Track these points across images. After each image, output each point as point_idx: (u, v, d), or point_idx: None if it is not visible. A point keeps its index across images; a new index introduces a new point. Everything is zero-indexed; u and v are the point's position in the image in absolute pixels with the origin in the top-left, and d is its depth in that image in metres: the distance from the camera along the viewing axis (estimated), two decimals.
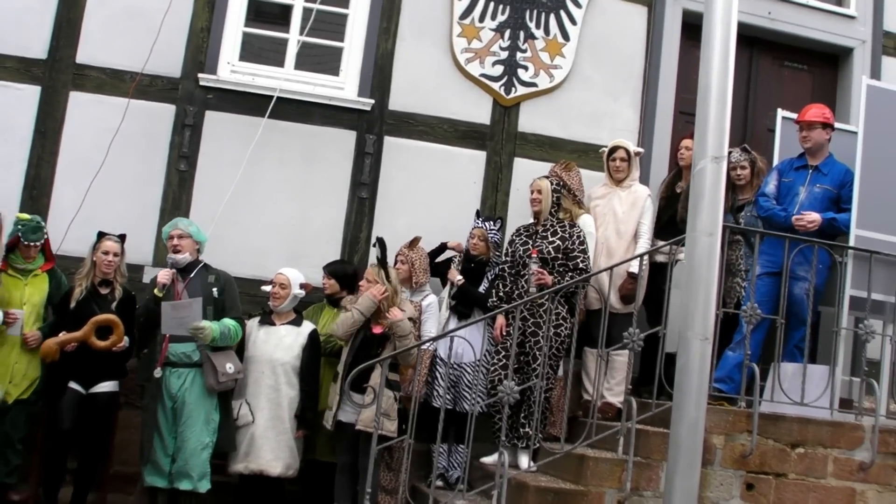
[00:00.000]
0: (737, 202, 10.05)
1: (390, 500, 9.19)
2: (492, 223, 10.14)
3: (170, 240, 9.22)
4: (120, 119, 10.26)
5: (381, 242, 9.44)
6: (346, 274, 9.98)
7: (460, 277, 9.91)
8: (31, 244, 9.15)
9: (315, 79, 11.05)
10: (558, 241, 9.49)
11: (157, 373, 8.92)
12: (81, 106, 10.55)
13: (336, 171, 10.88)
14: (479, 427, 8.70)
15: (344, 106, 10.92)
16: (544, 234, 9.57)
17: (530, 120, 11.33)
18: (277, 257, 10.17)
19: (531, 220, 9.89)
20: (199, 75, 10.66)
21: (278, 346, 9.31)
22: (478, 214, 10.35)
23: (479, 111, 11.26)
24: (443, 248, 10.33)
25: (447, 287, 10.04)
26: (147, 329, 9.03)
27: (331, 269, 9.98)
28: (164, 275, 9.04)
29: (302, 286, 9.59)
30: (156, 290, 8.97)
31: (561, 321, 9.32)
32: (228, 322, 9.04)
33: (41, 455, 9.31)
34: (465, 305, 9.86)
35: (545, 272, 9.33)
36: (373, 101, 10.94)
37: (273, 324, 9.46)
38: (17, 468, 9.22)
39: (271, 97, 10.51)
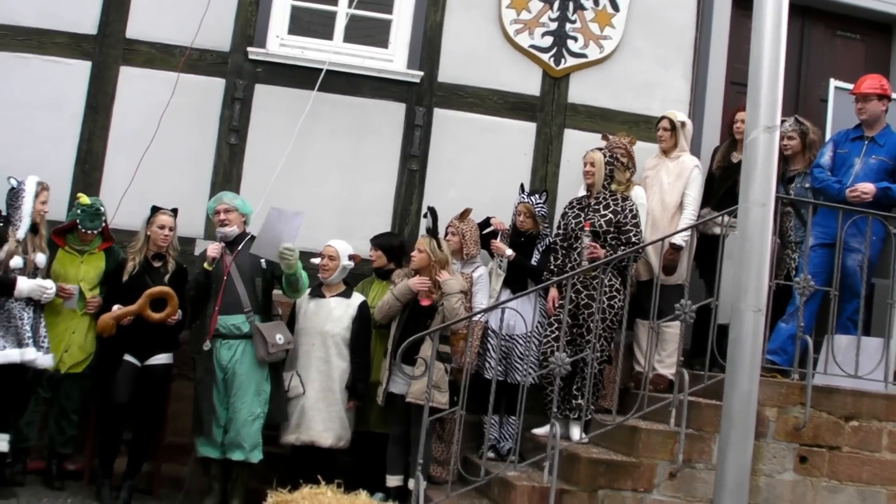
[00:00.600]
0: (788, 173, 9.95)
1: (442, 471, 9.20)
2: (537, 196, 10.09)
3: (216, 214, 9.26)
4: (170, 93, 10.31)
5: (432, 212, 9.45)
6: (392, 246, 9.95)
7: (510, 251, 9.88)
8: (89, 231, 9.22)
9: (364, 51, 11.04)
10: (610, 215, 9.42)
11: (207, 345, 8.98)
12: (131, 81, 10.61)
13: (386, 144, 10.88)
14: (531, 398, 8.75)
15: (393, 78, 10.92)
16: (596, 206, 9.51)
17: (580, 91, 11.25)
18: (328, 230, 10.15)
19: (583, 193, 9.86)
20: (249, 49, 10.68)
21: (328, 318, 9.33)
22: (522, 189, 10.25)
23: (528, 82, 11.19)
24: (487, 222, 10.28)
25: (495, 259, 10.00)
26: (198, 302, 9.09)
27: (378, 242, 9.96)
28: (213, 248, 9.07)
29: (351, 258, 9.60)
30: (205, 264, 9.02)
31: (614, 293, 9.27)
32: (303, 274, 9.13)
33: (96, 426, 9.43)
34: (517, 278, 9.83)
35: (597, 246, 9.28)
36: (422, 74, 10.92)
37: (323, 296, 9.48)
38: (73, 439, 9.38)
39: (320, 70, 10.51)
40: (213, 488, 9.14)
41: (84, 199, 9.30)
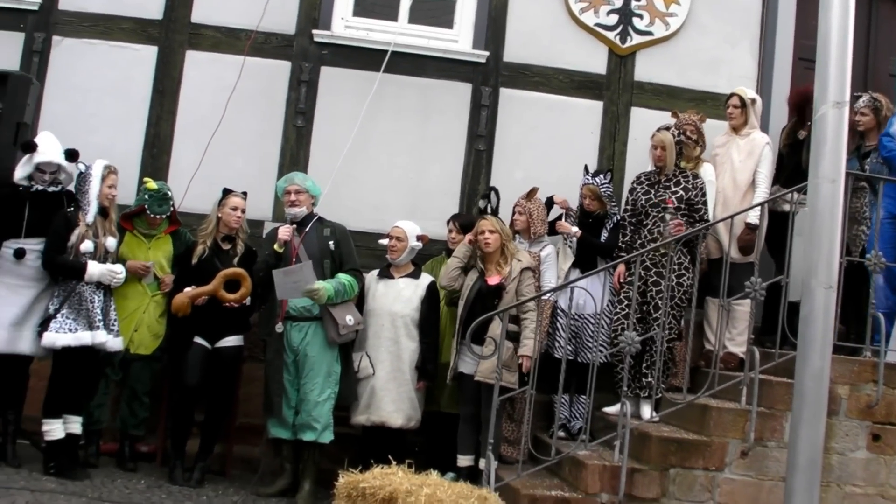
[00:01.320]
0: (863, 148, 9.83)
1: (513, 451, 9.21)
2: (602, 177, 10.01)
3: (286, 195, 9.29)
4: (236, 77, 10.35)
5: (495, 192, 9.41)
6: (473, 225, 9.85)
7: (576, 229, 9.83)
8: (158, 216, 9.30)
9: (429, 32, 11.04)
10: (681, 192, 9.38)
11: (279, 328, 9.06)
12: (198, 65, 10.69)
13: (452, 124, 10.87)
14: (601, 377, 8.74)
15: (459, 59, 10.91)
16: (667, 184, 9.47)
17: (647, 69, 11.17)
18: (395, 210, 10.20)
19: (651, 168, 9.82)
20: (314, 31, 10.72)
21: (397, 298, 9.37)
22: (586, 170, 10.16)
23: (594, 61, 11.12)
24: (550, 202, 10.23)
25: (566, 239, 9.96)
26: (267, 284, 9.11)
27: (461, 221, 9.92)
28: (284, 231, 9.11)
29: (419, 238, 9.59)
30: (275, 246, 9.07)
31: (683, 271, 9.24)
32: (343, 278, 9.09)
33: (168, 408, 9.53)
34: (587, 258, 9.78)
35: (682, 223, 9.24)
36: (487, 54, 10.89)
37: (392, 277, 9.51)
38: (145, 421, 9.48)
39: (386, 52, 10.51)
40: (284, 469, 9.23)
41: (151, 184, 9.36)
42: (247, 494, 9.01)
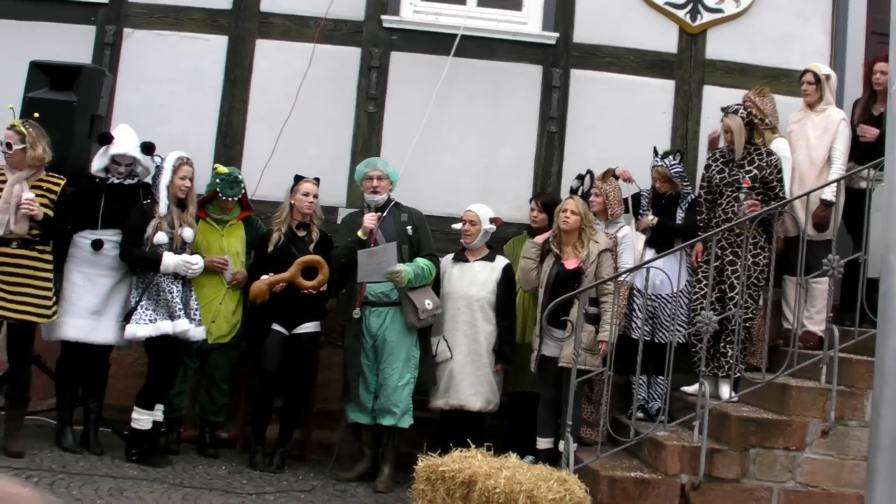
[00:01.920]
0: None
1: (591, 433, 9.21)
2: (671, 158, 9.93)
3: (368, 181, 9.32)
4: (306, 64, 10.41)
5: (590, 175, 9.38)
6: (556, 205, 9.77)
7: (653, 217, 9.80)
8: (230, 199, 9.36)
9: (498, 15, 11.00)
10: (755, 171, 9.29)
11: (357, 314, 9.11)
12: (268, 53, 10.77)
13: (523, 107, 10.84)
14: (678, 358, 8.71)
15: (528, 41, 10.88)
16: (741, 162, 9.38)
17: (718, 46, 11.05)
18: (468, 194, 10.16)
19: (723, 144, 9.72)
20: (383, 17, 10.74)
21: (473, 282, 9.37)
22: (655, 152, 10.10)
23: (665, 40, 11.03)
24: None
25: (633, 217, 9.95)
26: (347, 270, 9.17)
27: (543, 200, 9.89)
28: (370, 219, 9.15)
29: (492, 221, 9.57)
30: (359, 233, 9.11)
31: (759, 250, 9.15)
32: (421, 262, 9.13)
33: (247, 395, 9.63)
34: (663, 239, 9.72)
35: (757, 202, 9.16)
36: (557, 35, 10.84)
37: (467, 260, 9.52)
38: (224, 407, 9.60)
39: (455, 36, 10.49)
40: (364, 454, 9.31)
41: (221, 168, 9.47)
42: (326, 479, 9.07)
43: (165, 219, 8.81)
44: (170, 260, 8.73)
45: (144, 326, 8.62)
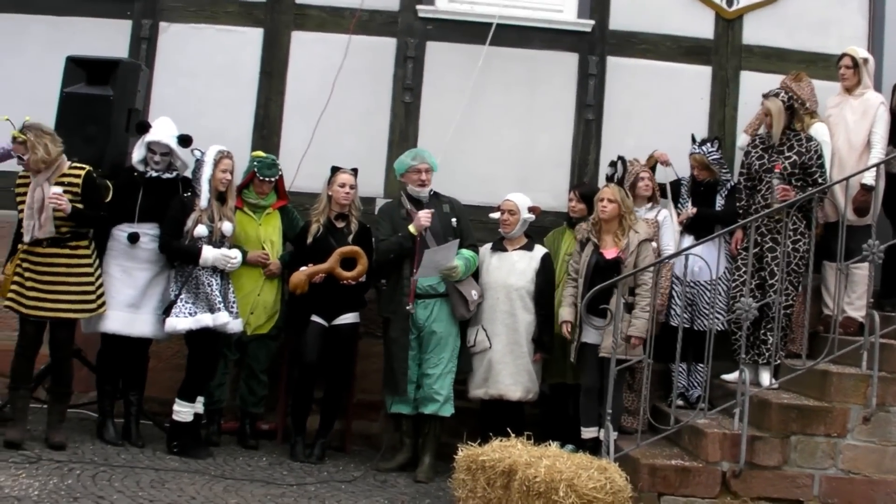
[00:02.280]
0: None
1: (632, 421, 9.16)
2: (709, 145, 9.92)
3: (416, 173, 9.36)
4: (342, 55, 10.44)
5: (622, 161, 9.35)
6: (594, 195, 9.65)
7: (692, 209, 9.77)
8: (267, 179, 9.39)
9: (533, 3, 10.97)
10: (794, 157, 9.22)
11: (411, 308, 9.16)
12: (304, 45, 10.78)
13: (560, 95, 10.81)
14: (718, 345, 8.68)
15: (564, 29, 10.84)
16: (780, 148, 9.32)
17: (755, 31, 10.98)
18: (505, 183, 10.10)
19: (763, 131, 9.67)
20: (418, 7, 10.73)
21: (511, 271, 9.34)
22: (693, 139, 10.08)
23: (701, 25, 10.97)
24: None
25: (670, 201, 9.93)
26: (392, 263, 9.22)
27: (582, 191, 9.83)
28: (425, 217, 9.18)
29: (530, 210, 9.55)
30: (411, 228, 9.15)
31: (799, 236, 9.09)
32: (466, 253, 9.19)
33: (287, 386, 9.66)
34: (703, 226, 9.65)
35: (790, 188, 9.11)
36: (593, 22, 10.80)
37: (505, 250, 9.49)
38: (264, 399, 9.64)
39: (490, 24, 10.45)
40: (404, 444, 9.35)
41: (259, 153, 9.59)
42: (367, 470, 9.10)
43: (206, 212, 8.86)
44: (209, 253, 8.77)
45: (185, 319, 8.68)
